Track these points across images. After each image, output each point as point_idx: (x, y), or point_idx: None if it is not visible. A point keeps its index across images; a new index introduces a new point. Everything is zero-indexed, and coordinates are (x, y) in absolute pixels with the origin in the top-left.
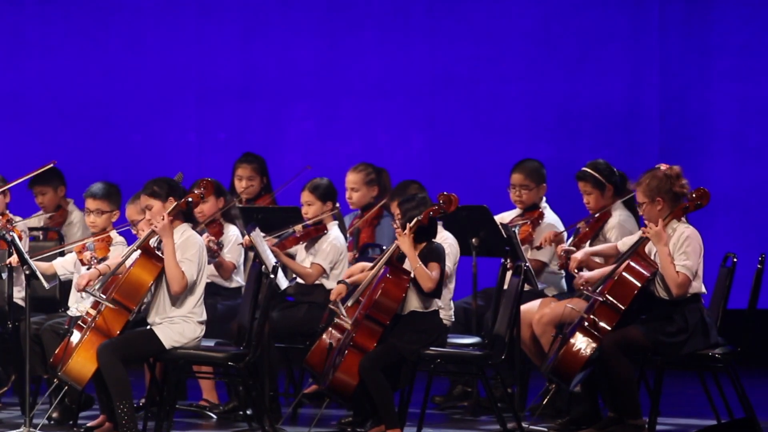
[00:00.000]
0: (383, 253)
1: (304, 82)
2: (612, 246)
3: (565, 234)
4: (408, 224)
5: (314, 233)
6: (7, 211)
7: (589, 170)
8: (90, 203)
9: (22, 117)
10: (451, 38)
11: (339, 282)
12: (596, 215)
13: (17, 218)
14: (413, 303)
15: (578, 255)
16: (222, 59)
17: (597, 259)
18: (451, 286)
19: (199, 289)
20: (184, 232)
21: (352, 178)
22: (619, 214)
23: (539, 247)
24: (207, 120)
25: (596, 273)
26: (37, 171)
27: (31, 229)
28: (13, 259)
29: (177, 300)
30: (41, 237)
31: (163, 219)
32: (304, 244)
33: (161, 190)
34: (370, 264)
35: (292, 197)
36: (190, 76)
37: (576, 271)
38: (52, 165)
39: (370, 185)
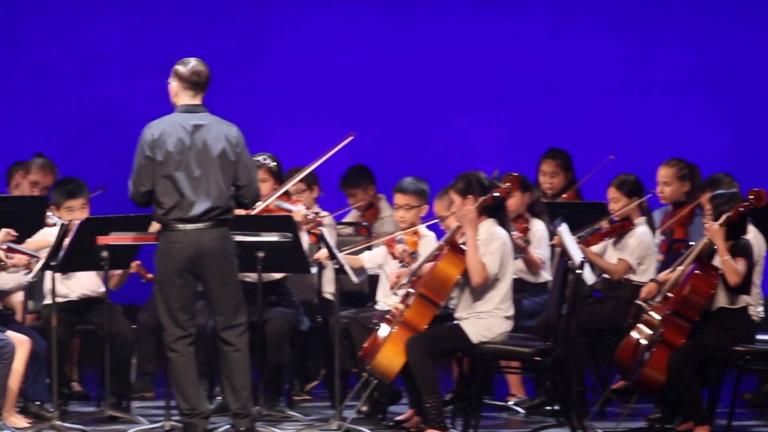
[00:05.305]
0: (691, 249)
1: (610, 77)
2: None
3: None
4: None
5: (620, 229)
6: (316, 206)
7: None
8: (399, 198)
9: (328, 114)
10: (761, 32)
11: (651, 280)
12: None
13: (325, 213)
14: (721, 299)
15: None
16: (528, 55)
17: None
18: (758, 281)
19: (505, 285)
20: (489, 227)
21: (664, 173)
22: None
23: None
24: (512, 115)
25: None
26: (339, 145)
27: (340, 223)
28: (322, 254)
29: (483, 295)
30: (352, 232)
31: (469, 212)
32: (611, 240)
33: (462, 186)
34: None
35: (597, 192)
36: (495, 71)
37: None
38: (350, 137)
39: (683, 180)
